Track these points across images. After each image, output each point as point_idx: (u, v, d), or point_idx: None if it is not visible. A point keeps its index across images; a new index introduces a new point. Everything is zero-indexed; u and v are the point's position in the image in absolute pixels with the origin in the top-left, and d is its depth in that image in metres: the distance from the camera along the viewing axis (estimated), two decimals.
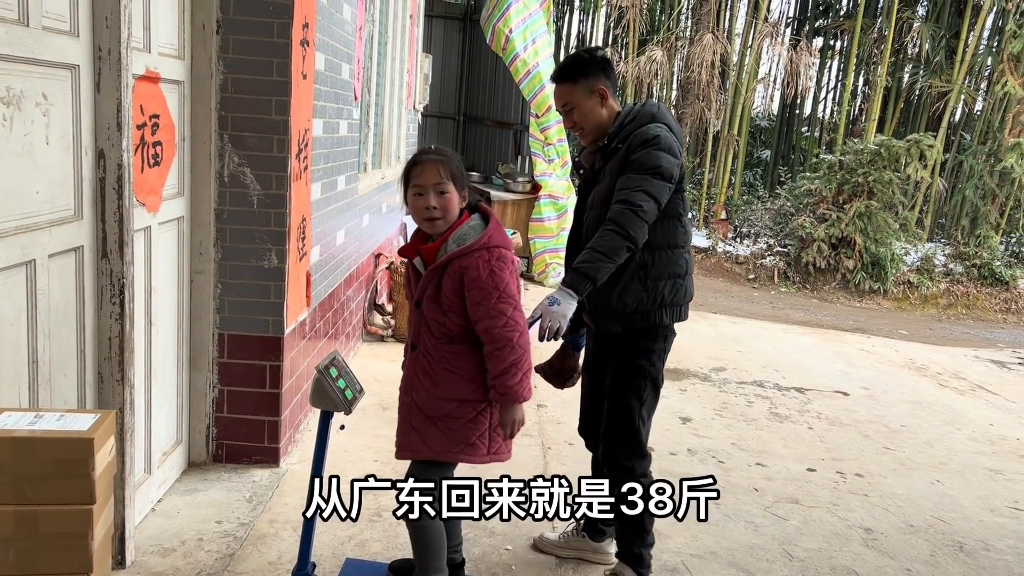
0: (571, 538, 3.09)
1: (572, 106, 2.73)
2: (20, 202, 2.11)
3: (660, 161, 2.56)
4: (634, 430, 2.76)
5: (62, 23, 2.24)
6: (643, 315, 2.69)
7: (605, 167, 2.72)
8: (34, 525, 1.83)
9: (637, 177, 2.56)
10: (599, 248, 2.53)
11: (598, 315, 2.74)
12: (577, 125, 2.76)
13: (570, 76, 2.73)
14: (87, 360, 2.49)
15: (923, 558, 3.42)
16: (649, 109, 2.72)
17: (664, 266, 2.68)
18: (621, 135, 2.68)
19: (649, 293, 2.67)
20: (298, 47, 3.27)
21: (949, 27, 12.40)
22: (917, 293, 10.56)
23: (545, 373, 3.03)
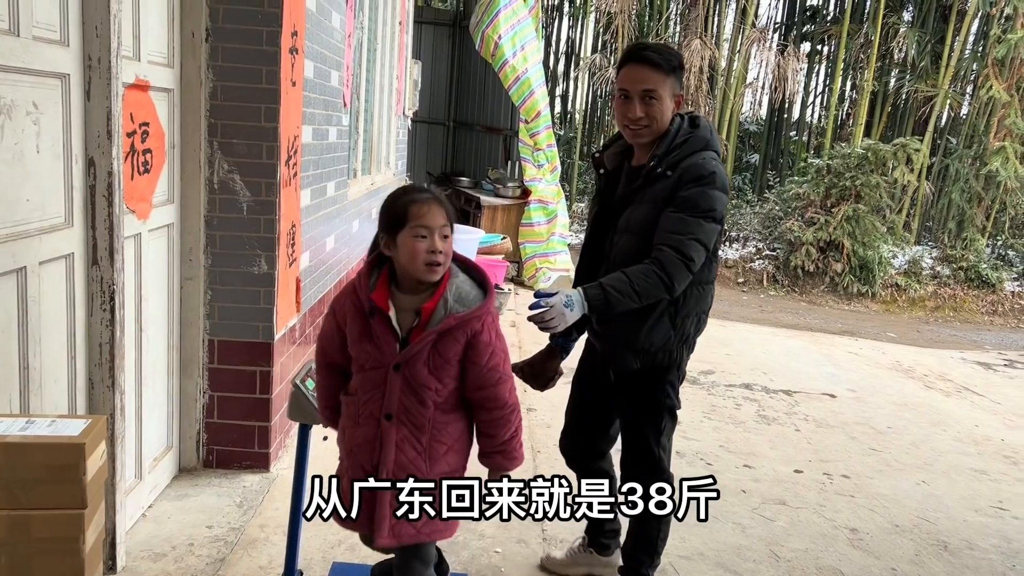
0: (578, 554, 3.01)
1: (657, 97, 2.44)
2: (11, 210, 2.13)
3: (715, 204, 2.40)
4: (655, 461, 2.66)
5: (52, 32, 2.26)
6: (666, 353, 2.56)
7: (644, 189, 2.50)
8: (26, 530, 1.85)
9: (691, 222, 2.38)
10: (637, 287, 2.35)
11: (618, 350, 2.57)
12: (646, 119, 2.45)
13: (666, 65, 2.44)
14: (78, 366, 2.51)
15: (908, 557, 3.46)
16: (703, 134, 2.49)
17: (694, 303, 2.54)
18: (669, 159, 2.45)
19: (677, 331, 2.53)
20: (287, 55, 3.30)
21: (934, 32, 12.51)
22: (905, 296, 10.65)
23: (523, 373, 2.83)
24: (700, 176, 2.39)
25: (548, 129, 8.42)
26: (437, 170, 11.78)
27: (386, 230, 2.02)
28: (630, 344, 2.53)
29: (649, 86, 2.43)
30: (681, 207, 2.39)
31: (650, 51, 2.45)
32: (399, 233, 1.99)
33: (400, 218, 1.99)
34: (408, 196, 2.03)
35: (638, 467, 2.66)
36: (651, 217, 2.45)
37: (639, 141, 2.52)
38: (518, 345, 6.18)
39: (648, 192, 2.48)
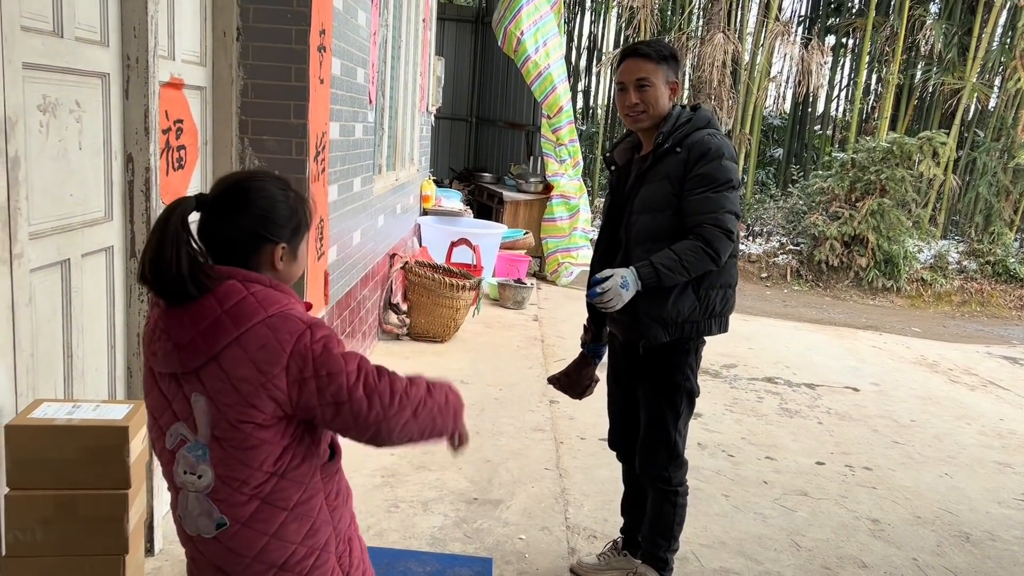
0: (612, 558, 3.00)
1: (649, 84, 2.60)
2: (56, 204, 2.22)
3: (731, 174, 2.54)
4: (671, 444, 2.73)
5: (93, 34, 2.35)
6: (693, 324, 2.63)
7: (654, 168, 2.62)
8: (73, 509, 1.94)
9: (717, 197, 2.51)
10: (686, 262, 2.48)
11: (647, 324, 2.62)
12: (642, 104, 2.61)
13: (656, 55, 2.61)
14: (117, 355, 2.60)
15: (930, 548, 3.48)
16: (704, 114, 2.65)
17: (718, 276, 2.62)
18: (676, 135, 2.59)
19: (702, 302, 2.61)
20: (315, 53, 3.38)
21: (961, 24, 12.37)
22: (931, 290, 10.57)
23: (561, 384, 2.94)
24: (708, 151, 2.53)
25: (570, 124, 8.46)
26: (460, 166, 11.85)
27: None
28: (657, 316, 2.60)
29: (641, 75, 2.60)
30: (701, 184, 2.52)
31: (641, 45, 2.66)
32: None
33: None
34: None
35: (655, 451, 2.74)
36: (664, 192, 2.58)
37: (639, 126, 2.67)
38: (541, 339, 6.25)
39: (659, 170, 2.61)
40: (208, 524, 1.50)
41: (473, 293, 5.89)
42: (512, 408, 4.60)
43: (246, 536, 1.50)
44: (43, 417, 1.95)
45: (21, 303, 2.05)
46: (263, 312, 1.44)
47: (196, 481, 1.49)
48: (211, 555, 1.53)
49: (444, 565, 2.85)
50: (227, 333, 1.42)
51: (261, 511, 1.49)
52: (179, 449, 1.50)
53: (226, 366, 1.42)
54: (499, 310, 7.05)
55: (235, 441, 1.45)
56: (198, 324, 1.43)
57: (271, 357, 1.42)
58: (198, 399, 1.46)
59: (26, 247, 2.06)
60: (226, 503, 1.49)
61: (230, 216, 1.49)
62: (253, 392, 1.42)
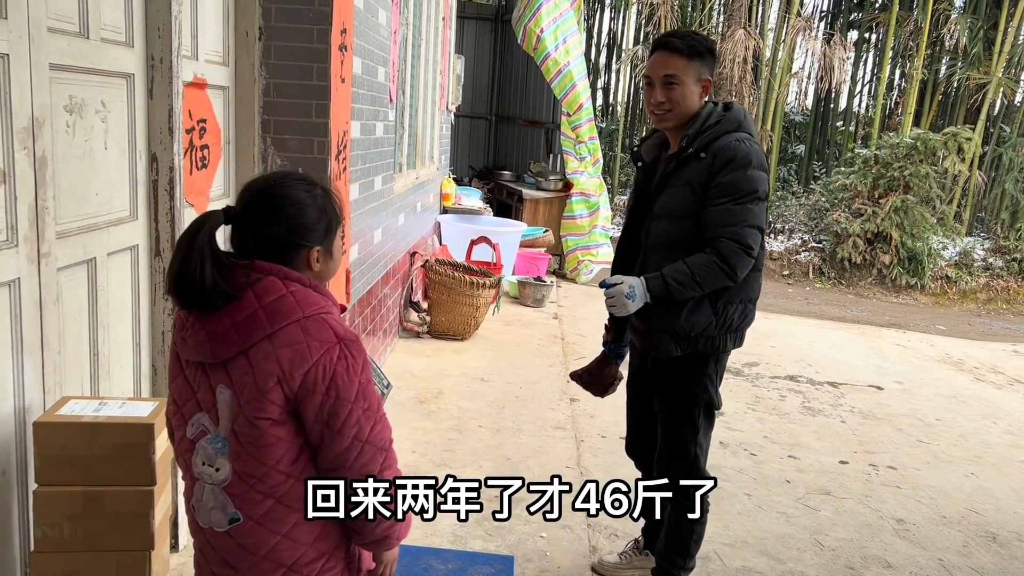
0: (634, 557, 2.96)
1: (678, 82, 2.44)
2: (82, 203, 2.25)
3: (757, 185, 2.40)
4: (691, 458, 2.62)
5: (118, 34, 2.37)
6: (707, 340, 2.52)
7: (677, 172, 2.49)
8: (100, 505, 1.97)
9: (739, 209, 2.38)
10: (699, 277, 2.38)
11: (658, 335, 2.54)
12: (668, 103, 2.46)
13: (688, 50, 2.44)
14: (142, 353, 2.63)
15: (955, 548, 3.44)
16: (735, 116, 2.48)
17: (738, 290, 2.50)
18: (701, 139, 2.44)
19: (719, 317, 2.50)
20: (336, 52, 3.39)
21: (987, 18, 12.20)
22: (955, 288, 10.44)
23: (583, 381, 2.89)
24: (733, 158, 2.39)
25: (590, 122, 8.44)
26: (479, 164, 11.86)
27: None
28: (670, 329, 2.50)
29: (669, 71, 2.44)
30: (724, 194, 2.39)
31: (674, 38, 2.46)
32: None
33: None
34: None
35: (672, 465, 2.63)
36: (686, 199, 2.45)
37: (664, 126, 2.54)
38: (561, 336, 6.24)
39: (682, 175, 2.48)
40: (221, 518, 1.51)
41: (493, 291, 5.89)
42: (532, 406, 4.59)
43: (258, 534, 1.50)
44: (70, 414, 1.98)
45: (48, 301, 2.07)
46: (300, 312, 1.45)
47: (213, 474, 1.49)
48: (221, 549, 1.53)
49: (465, 563, 2.85)
50: (262, 328, 1.43)
51: (275, 510, 1.50)
52: (199, 439, 1.51)
53: (253, 360, 1.43)
54: (519, 308, 7.05)
55: (251, 437, 1.46)
56: (234, 316, 1.44)
57: (296, 358, 1.43)
58: (223, 391, 1.47)
59: (53, 246, 2.09)
60: (241, 499, 1.49)
61: (260, 228, 1.49)
62: (271, 388, 1.43)
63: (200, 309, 1.46)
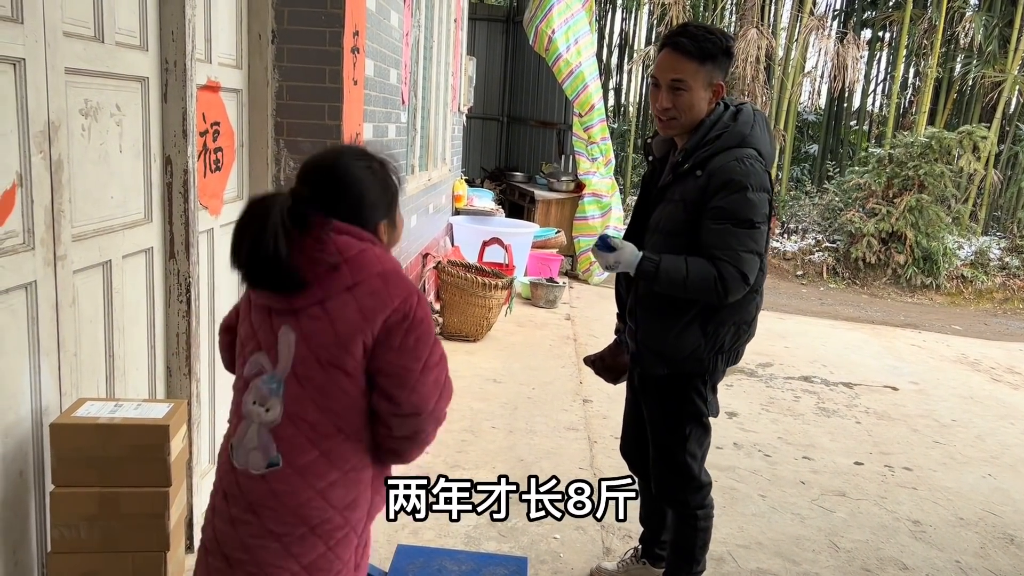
0: (631, 566, 2.93)
1: (685, 88, 2.29)
2: (98, 206, 2.26)
3: (753, 212, 2.26)
4: (682, 468, 2.55)
5: (132, 38, 2.39)
6: (696, 361, 2.42)
7: (674, 187, 2.39)
8: (116, 506, 1.98)
9: (740, 233, 2.27)
10: (689, 283, 2.27)
11: (644, 353, 2.47)
12: (673, 109, 2.32)
13: (699, 52, 2.26)
14: (157, 354, 2.64)
15: (972, 550, 3.42)
16: (740, 129, 2.32)
17: (729, 312, 2.38)
18: (699, 154, 2.31)
19: (708, 339, 2.39)
20: (349, 54, 3.40)
21: (1002, 16, 12.11)
22: (971, 288, 10.35)
23: (596, 367, 2.85)
24: (730, 181, 2.26)
25: (602, 122, 8.43)
26: (491, 165, 11.87)
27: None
28: (656, 348, 2.44)
29: (677, 75, 2.28)
30: (723, 218, 2.27)
31: (685, 37, 2.28)
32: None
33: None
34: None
35: (665, 474, 2.60)
36: (678, 217, 2.36)
37: (669, 133, 2.43)
38: (573, 337, 6.23)
39: (676, 190, 2.38)
40: (260, 460, 1.50)
41: (505, 292, 5.89)
42: (545, 407, 4.59)
43: (294, 483, 1.49)
44: (86, 416, 1.99)
45: (65, 304, 2.09)
46: (380, 265, 1.51)
47: (263, 414, 1.50)
48: (249, 492, 1.51)
49: (479, 564, 2.85)
50: (344, 280, 1.47)
51: (317, 463, 1.50)
52: (254, 379, 1.52)
53: (330, 308, 1.47)
54: (531, 309, 7.05)
55: (317, 382, 1.48)
56: (315, 267, 1.47)
57: (378, 305, 1.47)
58: (287, 333, 1.49)
59: (69, 249, 2.10)
60: (287, 443, 1.49)
61: (326, 207, 1.52)
62: (351, 337, 1.47)
63: (275, 288, 1.48)
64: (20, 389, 1.97)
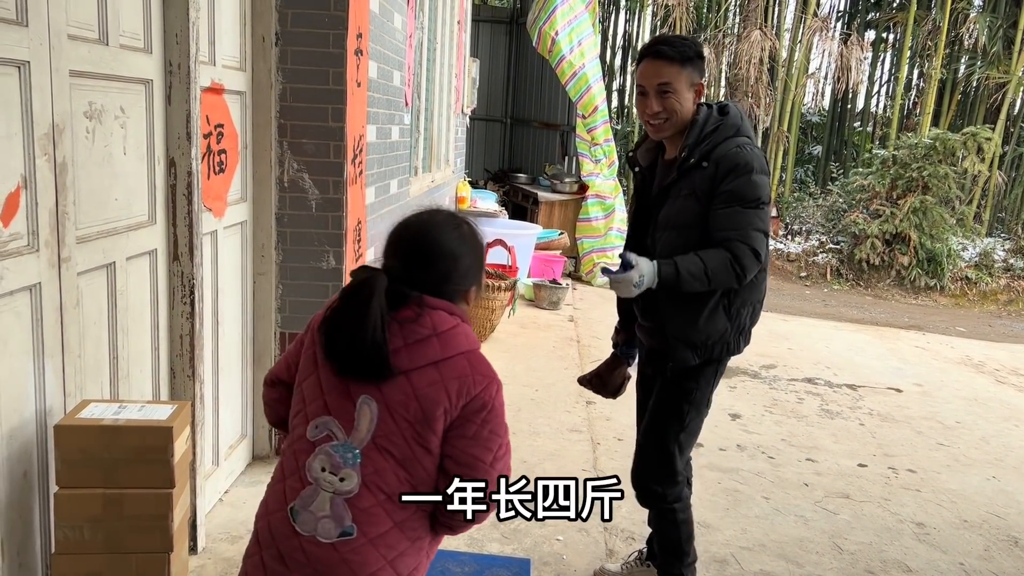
0: (635, 568, 2.95)
1: (672, 90, 2.40)
2: (102, 208, 2.27)
3: (760, 192, 2.37)
4: (668, 455, 2.59)
5: (137, 41, 2.40)
6: (723, 345, 2.52)
7: (680, 182, 2.45)
8: (120, 507, 1.98)
9: (749, 213, 2.35)
10: (710, 272, 2.33)
11: (675, 346, 2.51)
12: (664, 112, 2.42)
13: (679, 56, 2.39)
14: (161, 356, 2.65)
15: (977, 552, 3.41)
16: (733, 121, 2.45)
17: (748, 292, 2.50)
18: (701, 149, 2.41)
19: (733, 321, 2.50)
20: (352, 56, 3.40)
21: (1006, 16, 12.09)
22: (976, 289, 10.33)
23: (593, 385, 2.88)
24: (737, 165, 2.36)
25: (605, 124, 8.43)
26: (494, 166, 11.87)
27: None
28: (688, 340, 2.49)
29: (663, 79, 2.40)
30: (731, 200, 2.36)
31: (663, 45, 2.42)
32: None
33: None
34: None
35: (647, 457, 2.64)
36: (691, 209, 2.42)
37: (661, 135, 2.50)
38: (576, 339, 6.23)
39: (684, 184, 2.44)
40: (332, 529, 1.46)
41: (509, 294, 5.89)
42: (548, 409, 4.59)
43: (367, 554, 1.46)
44: (90, 417, 2.00)
45: (69, 305, 2.10)
46: (468, 345, 1.52)
47: (337, 483, 1.47)
48: (316, 560, 1.46)
49: (482, 565, 2.85)
50: (433, 354, 1.47)
51: (391, 534, 1.48)
52: (323, 444, 1.48)
53: (416, 382, 1.46)
54: (534, 311, 7.05)
55: (400, 455, 1.47)
56: (407, 338, 1.47)
57: (463, 390, 1.48)
58: (368, 402, 1.47)
59: (73, 251, 2.11)
60: (364, 513, 1.46)
61: (419, 280, 1.53)
62: (436, 416, 1.47)
63: (372, 378, 1.46)
64: (24, 391, 1.98)
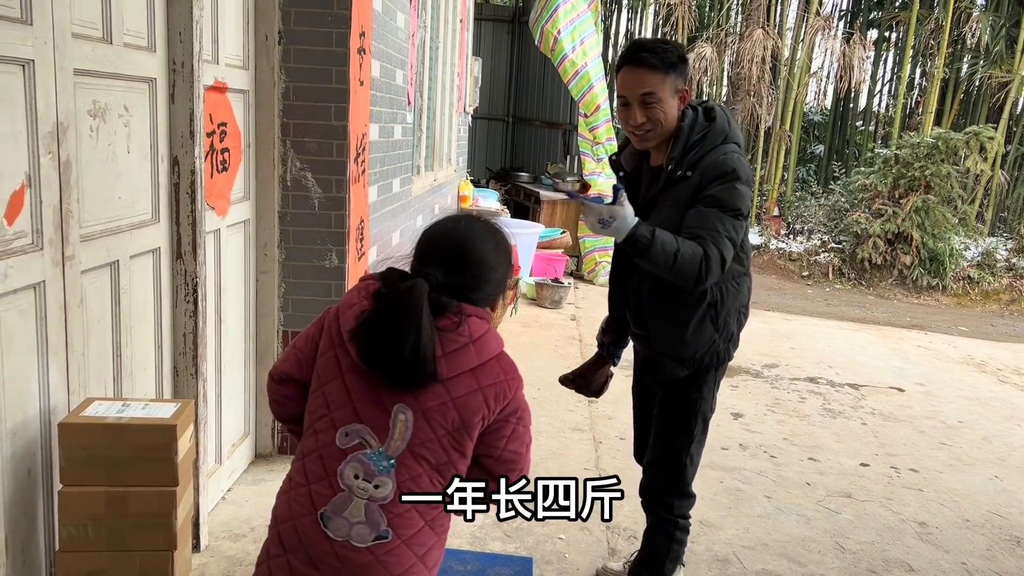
0: None
1: (656, 100, 2.30)
2: (105, 207, 2.27)
3: (740, 202, 2.29)
4: (679, 468, 2.55)
5: (140, 39, 2.40)
6: (712, 355, 2.47)
7: (665, 192, 2.39)
8: (123, 505, 1.99)
9: (725, 219, 2.26)
10: (679, 260, 2.19)
11: (661, 360, 2.49)
12: (649, 123, 2.32)
13: (663, 64, 2.28)
14: (164, 354, 2.65)
15: (979, 552, 3.41)
16: (720, 127, 2.36)
17: (732, 299, 2.45)
18: (689, 159, 2.33)
19: (721, 331, 2.44)
20: (355, 55, 3.41)
21: (1009, 16, 12.08)
22: (978, 289, 10.33)
23: (575, 385, 2.83)
24: (723, 173, 2.29)
25: (607, 123, 8.42)
26: (497, 165, 11.87)
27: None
28: (674, 354, 2.46)
29: (647, 89, 2.29)
30: (712, 204, 2.29)
31: (645, 51, 2.30)
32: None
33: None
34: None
35: (658, 473, 2.59)
36: (676, 221, 2.33)
37: (647, 146, 2.42)
38: (579, 338, 6.23)
39: (670, 195, 2.37)
40: (367, 534, 1.48)
41: (511, 293, 5.90)
42: (550, 407, 4.59)
43: (401, 554, 1.49)
44: (94, 415, 2.00)
45: (73, 304, 2.10)
46: (498, 348, 1.54)
47: (372, 490, 1.48)
48: (349, 563, 1.47)
49: (484, 564, 2.86)
50: (470, 362, 1.49)
51: (423, 533, 1.52)
52: (356, 452, 1.49)
53: (452, 390, 1.48)
54: (536, 309, 7.05)
55: (436, 462, 1.49)
56: (445, 347, 1.47)
57: (499, 394, 1.51)
58: (404, 411, 1.47)
59: (77, 249, 2.11)
60: (400, 518, 1.48)
61: (457, 288, 1.54)
62: (475, 423, 1.50)
63: (412, 386, 1.47)
64: (29, 389, 1.98)
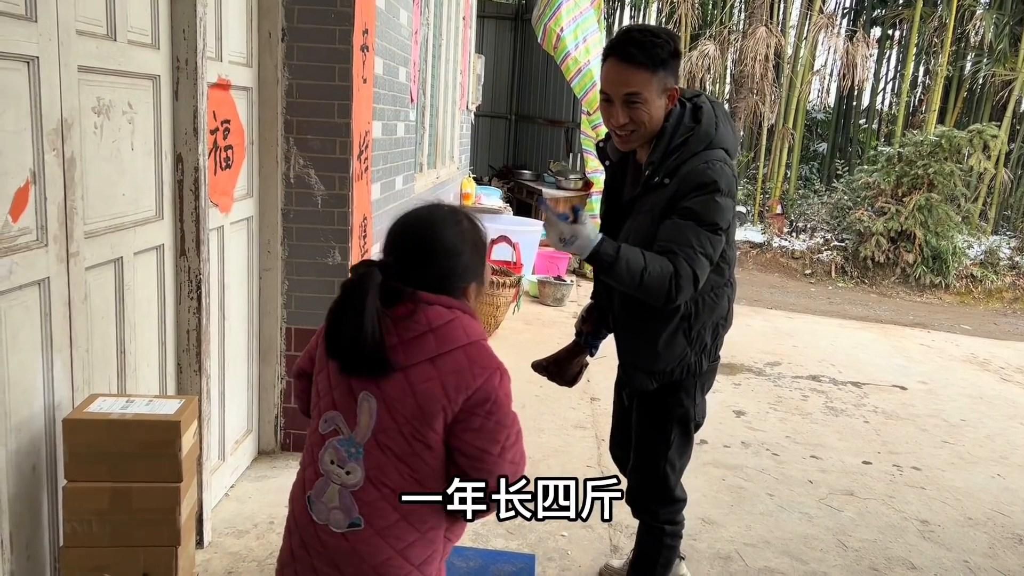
0: None
1: (641, 100, 2.13)
2: (109, 204, 2.28)
3: (719, 217, 2.13)
4: (660, 475, 2.45)
5: (144, 37, 2.40)
6: (684, 367, 2.35)
7: (643, 198, 2.26)
8: (128, 501, 1.99)
9: (701, 233, 2.12)
10: (647, 278, 2.06)
11: (632, 373, 2.41)
12: (631, 124, 2.16)
13: (652, 61, 2.09)
14: (168, 351, 2.66)
15: (981, 550, 3.41)
16: (706, 130, 2.18)
17: (708, 313, 2.32)
18: (668, 165, 2.18)
19: (693, 344, 2.33)
20: (358, 52, 3.41)
21: (1013, 14, 12.06)
22: (981, 287, 10.31)
23: (548, 372, 2.75)
24: (702, 184, 2.12)
25: None
26: (499, 163, 11.87)
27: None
28: (644, 367, 2.37)
29: (631, 89, 2.12)
30: (688, 216, 2.13)
31: (632, 46, 2.10)
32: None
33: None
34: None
35: (641, 483, 2.51)
36: (649, 231, 2.20)
37: (627, 147, 2.28)
38: None
39: (646, 202, 2.25)
40: (342, 519, 1.50)
41: (513, 290, 5.90)
42: (553, 405, 4.60)
43: (375, 544, 1.50)
44: (98, 411, 2.01)
45: (77, 300, 2.11)
46: (465, 339, 1.50)
47: (343, 476, 1.50)
48: (330, 548, 1.51)
49: (487, 560, 2.86)
50: (428, 350, 1.47)
51: (398, 526, 1.50)
52: (331, 438, 1.51)
53: (412, 379, 1.46)
54: (539, 307, 7.06)
55: (399, 451, 1.48)
56: (402, 335, 1.47)
57: (460, 384, 1.47)
58: (368, 399, 1.48)
59: (81, 245, 2.12)
60: (369, 507, 1.49)
61: (416, 276, 1.51)
62: (434, 413, 1.47)
63: (370, 374, 1.47)
64: (33, 385, 1.99)
